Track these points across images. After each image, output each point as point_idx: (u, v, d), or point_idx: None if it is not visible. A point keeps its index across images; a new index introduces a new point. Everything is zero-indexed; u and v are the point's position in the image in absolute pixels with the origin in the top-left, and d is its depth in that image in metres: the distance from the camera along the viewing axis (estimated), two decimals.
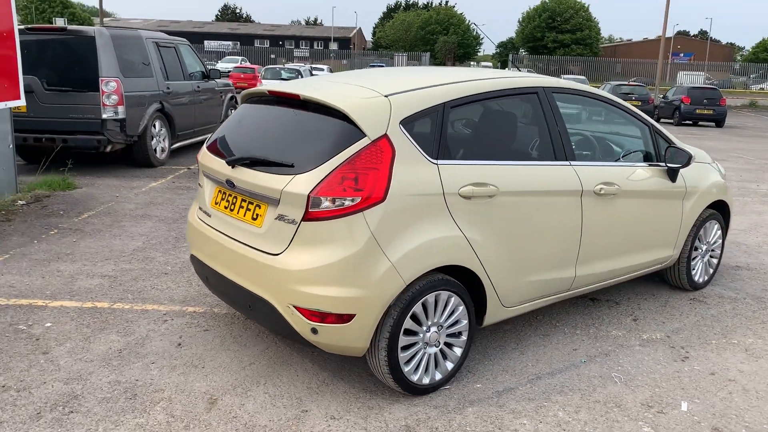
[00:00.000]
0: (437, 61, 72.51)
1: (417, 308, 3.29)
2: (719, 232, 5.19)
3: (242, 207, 3.50)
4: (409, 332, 3.31)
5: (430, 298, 3.33)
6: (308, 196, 3.10)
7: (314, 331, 3.18)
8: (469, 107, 3.64)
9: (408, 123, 3.32)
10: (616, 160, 4.55)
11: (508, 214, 3.59)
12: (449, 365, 3.54)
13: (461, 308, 3.50)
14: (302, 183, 3.15)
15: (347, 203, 3.09)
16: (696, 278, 5.08)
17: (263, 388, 3.47)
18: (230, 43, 74.06)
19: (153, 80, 9.36)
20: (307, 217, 3.12)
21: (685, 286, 5.07)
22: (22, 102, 7.44)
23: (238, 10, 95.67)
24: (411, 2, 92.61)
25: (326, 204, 3.09)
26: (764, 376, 3.78)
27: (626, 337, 4.24)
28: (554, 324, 4.42)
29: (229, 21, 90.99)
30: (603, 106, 4.44)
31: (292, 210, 3.18)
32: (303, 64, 39.52)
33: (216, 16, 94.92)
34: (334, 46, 76.71)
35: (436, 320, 3.41)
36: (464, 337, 3.57)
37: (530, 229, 3.72)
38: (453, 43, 71.08)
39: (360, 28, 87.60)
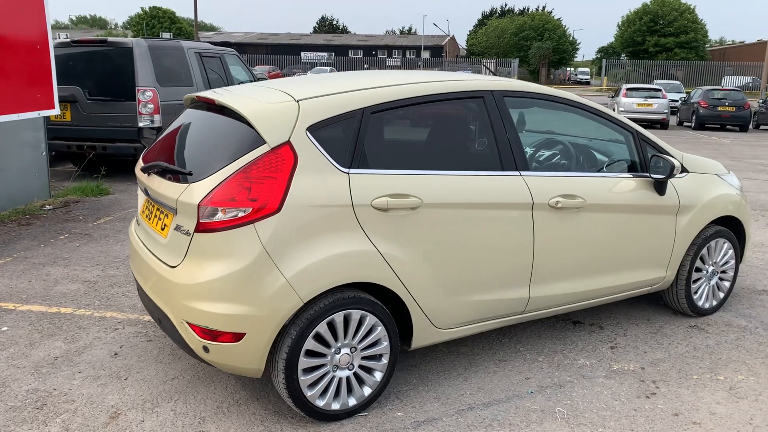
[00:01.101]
0: (531, 67, 70.99)
1: (321, 328, 3.06)
2: (731, 251, 4.61)
3: (156, 216, 3.40)
4: (313, 354, 3.08)
5: (337, 317, 3.10)
6: (198, 206, 2.95)
7: (206, 349, 3.02)
8: (396, 113, 3.37)
9: (317, 129, 3.11)
10: (599, 171, 4.14)
11: (437, 228, 3.30)
12: (366, 390, 3.28)
13: (380, 329, 3.24)
14: (194, 192, 3.01)
15: (239, 214, 2.91)
16: (699, 303, 4.54)
17: (172, 405, 3.34)
18: (325, 54, 75.67)
19: (193, 89, 9.54)
20: (199, 228, 2.97)
21: (686, 311, 4.54)
22: (56, 111, 7.74)
23: (334, 22, 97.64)
24: (507, 8, 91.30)
25: (219, 215, 2.93)
26: (738, 421, 3.28)
27: (593, 367, 3.81)
28: (518, 348, 4.05)
29: (326, 32, 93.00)
30: (573, 111, 4.03)
31: (187, 220, 3.04)
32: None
33: (314, 28, 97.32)
34: (425, 54, 76.73)
35: (347, 341, 3.17)
36: (385, 361, 3.30)
37: (466, 245, 3.41)
38: (547, 48, 69.26)
39: (453, 35, 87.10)
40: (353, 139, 3.17)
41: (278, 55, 72.21)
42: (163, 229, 3.27)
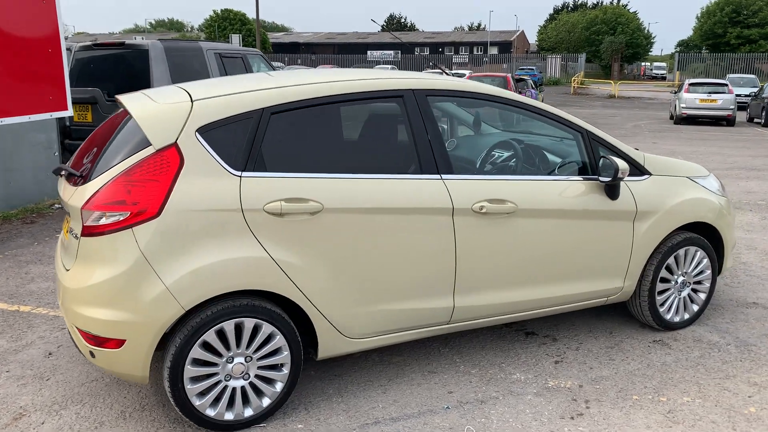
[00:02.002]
0: (603, 62, 68.82)
1: (209, 337, 2.98)
2: (705, 261, 4.24)
3: (66, 220, 3.40)
4: (201, 362, 3.00)
5: (227, 326, 3.00)
6: (81, 210, 2.92)
7: (92, 354, 2.99)
8: (301, 114, 3.23)
9: (208, 131, 3.02)
10: (550, 173, 3.89)
11: (342, 234, 3.16)
12: (265, 401, 3.18)
13: (278, 338, 3.13)
14: (81, 195, 2.98)
15: (120, 218, 2.87)
16: (667, 316, 4.20)
17: (79, 408, 3.34)
18: (391, 52, 75.84)
19: None
20: (84, 232, 2.94)
21: (652, 324, 4.21)
22: (69, 113, 7.97)
23: (403, 20, 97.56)
24: (579, 2, 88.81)
25: (102, 219, 2.89)
26: None
27: (527, 383, 3.58)
28: (454, 359, 3.85)
29: (393, 30, 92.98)
30: (513, 111, 3.79)
31: (76, 224, 3.02)
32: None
33: (382, 26, 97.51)
34: (493, 50, 75.65)
35: (241, 351, 3.07)
36: (286, 371, 3.19)
37: (377, 252, 3.25)
38: (620, 43, 66.87)
39: (522, 31, 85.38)
40: (249, 140, 3.07)
41: (345, 55, 72.81)
42: (68, 232, 3.27)
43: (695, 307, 4.32)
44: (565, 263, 3.75)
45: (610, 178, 3.66)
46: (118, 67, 9.17)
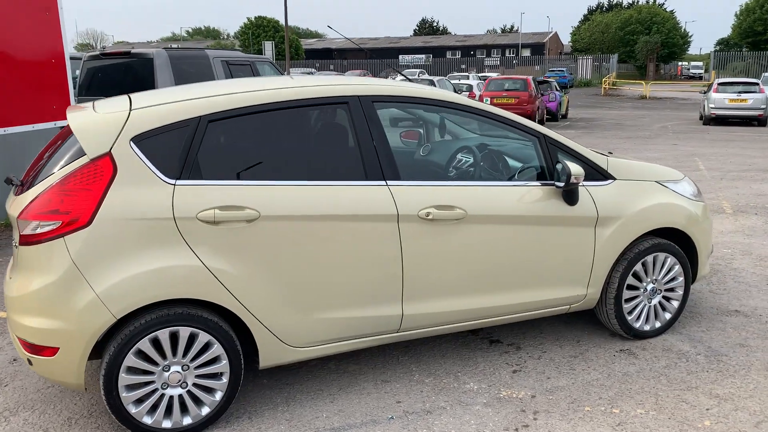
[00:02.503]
0: (638, 63, 67.68)
1: (143, 345, 2.99)
2: (677, 267, 4.11)
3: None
4: (137, 371, 3.02)
5: (161, 334, 3.01)
6: (17, 219, 2.97)
7: (30, 362, 3.03)
8: (240, 121, 3.23)
9: (143, 140, 3.04)
10: (511, 179, 3.81)
11: (281, 242, 3.15)
12: (204, 410, 3.17)
13: (216, 346, 3.12)
14: (18, 204, 3.03)
15: (53, 227, 2.90)
16: (636, 324, 4.07)
17: (28, 414, 3.38)
18: (423, 56, 75.74)
19: None
20: (20, 241, 2.98)
21: (620, 333, 4.10)
22: None
23: (435, 23, 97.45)
24: (614, 2, 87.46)
25: (38, 228, 2.92)
26: None
27: (479, 392, 3.51)
28: (411, 368, 3.80)
29: (425, 34, 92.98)
30: (465, 116, 3.73)
31: (16, 233, 3.07)
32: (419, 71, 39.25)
33: (414, 30, 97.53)
34: (525, 52, 75.02)
35: (177, 359, 3.08)
36: (225, 380, 3.18)
37: (319, 260, 3.23)
38: (655, 43, 65.67)
39: (555, 32, 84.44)
40: (185, 149, 3.08)
41: (377, 60, 72.97)
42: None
43: (667, 316, 4.18)
44: (521, 270, 3.68)
45: (563, 183, 3.58)
46: (125, 75, 9.33)
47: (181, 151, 3.07)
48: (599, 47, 70.16)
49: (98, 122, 3.07)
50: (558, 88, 24.53)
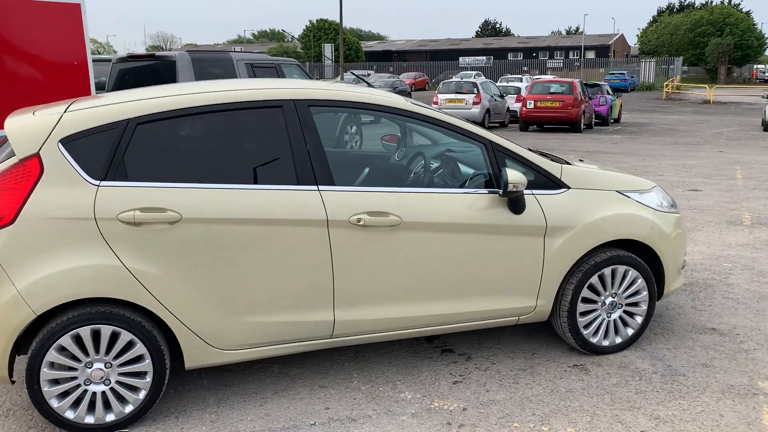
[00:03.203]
0: (708, 66, 65.23)
1: (64, 341, 3.06)
2: (640, 281, 3.93)
3: None
4: (59, 366, 3.09)
5: (83, 332, 3.08)
6: None
7: None
8: (169, 124, 3.27)
9: (71, 141, 3.12)
10: (461, 186, 3.74)
11: (204, 244, 3.18)
12: (128, 408, 3.22)
13: (139, 346, 3.17)
14: None
15: None
16: (593, 339, 3.92)
17: None
18: (483, 58, 75.10)
19: None
20: None
21: (575, 347, 3.95)
22: None
23: (497, 25, 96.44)
24: (686, 3, 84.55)
25: None
26: None
27: (411, 402, 3.45)
28: (352, 374, 3.76)
29: (487, 36, 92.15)
30: (409, 121, 3.67)
31: None
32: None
33: (476, 32, 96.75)
34: (590, 54, 73.36)
35: (100, 356, 3.14)
36: (148, 379, 3.23)
37: (245, 263, 3.24)
38: (728, 45, 63.14)
39: (622, 34, 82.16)
40: (112, 150, 3.14)
41: (437, 62, 72.83)
42: None
43: (630, 331, 4.01)
44: (462, 279, 3.59)
45: (501, 191, 3.48)
46: (150, 77, 9.57)
47: (108, 152, 3.13)
48: (667, 49, 67.96)
49: (30, 125, 3.16)
50: (610, 92, 23.89)
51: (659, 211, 4.00)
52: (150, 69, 9.59)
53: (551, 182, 3.75)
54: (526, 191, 3.66)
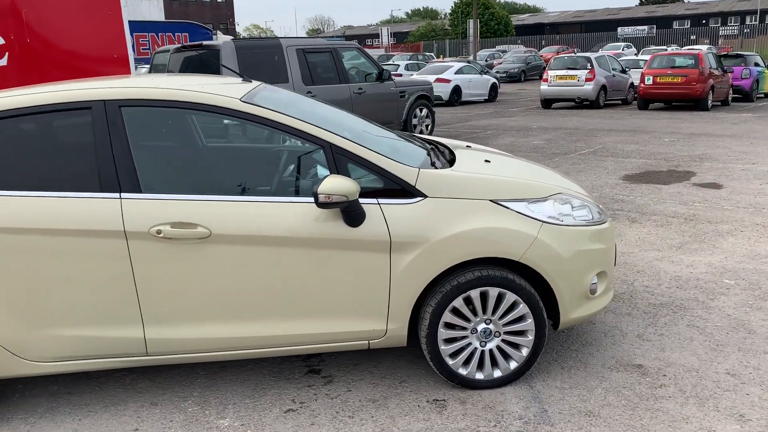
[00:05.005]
0: None
1: None
2: (521, 306, 3.31)
3: None
4: None
5: None
6: None
7: None
8: None
9: None
10: (297, 193, 3.33)
11: (2, 255, 3.09)
12: None
13: None
14: None
15: None
16: (461, 371, 3.37)
17: None
18: (645, 27, 69.95)
19: (288, 86, 9.86)
20: None
21: (442, 377, 3.43)
22: None
23: None
24: None
25: None
26: None
27: (222, 430, 3.16)
28: (192, 393, 3.52)
29: (651, 4, 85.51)
30: (235, 122, 3.30)
31: None
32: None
33: (640, 0, 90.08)
34: None
35: None
36: None
37: (40, 275, 3.11)
38: None
39: None
40: None
41: (593, 33, 68.90)
42: None
43: (512, 365, 3.41)
44: (293, 298, 3.22)
45: (314, 200, 3.05)
46: (199, 67, 9.82)
47: None
48: None
49: None
50: (761, 63, 21.17)
51: (552, 224, 3.33)
52: (201, 58, 9.80)
53: (404, 190, 3.25)
54: (370, 200, 3.20)
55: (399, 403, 3.33)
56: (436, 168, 3.48)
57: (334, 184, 3.01)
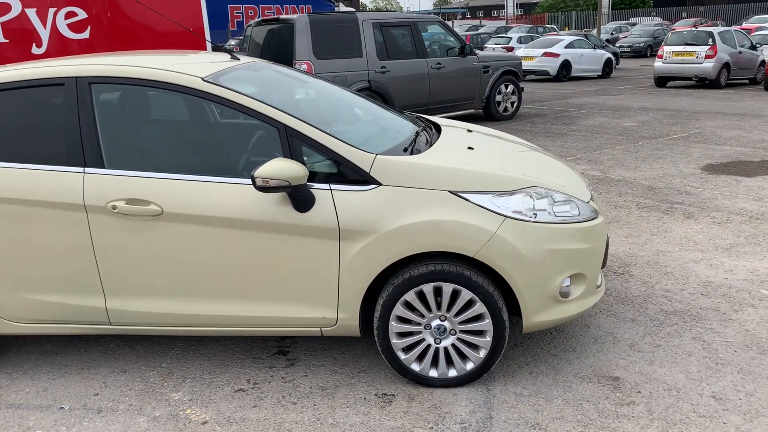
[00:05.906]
0: None
1: None
2: (478, 305, 3.11)
3: None
4: None
5: None
6: None
7: None
8: None
9: None
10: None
11: None
12: None
13: None
14: None
15: None
16: (414, 366, 3.23)
17: None
18: None
19: (362, 60, 9.83)
20: None
21: (394, 371, 3.30)
22: None
23: None
24: None
25: None
26: None
27: (169, 404, 3.22)
28: (160, 364, 3.63)
29: None
30: (196, 100, 3.28)
31: None
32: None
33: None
34: None
35: None
36: None
37: (14, 242, 3.30)
38: None
39: None
40: None
41: (743, 4, 63.42)
42: None
43: (470, 365, 3.22)
44: (243, 280, 3.21)
45: (252, 184, 2.99)
46: (276, 40, 9.99)
47: None
48: None
49: None
50: None
51: (518, 220, 3.09)
52: (277, 32, 9.95)
53: (357, 177, 3.12)
54: (322, 186, 3.12)
55: (347, 394, 3.25)
56: (412, 154, 3.33)
57: (275, 168, 2.94)
